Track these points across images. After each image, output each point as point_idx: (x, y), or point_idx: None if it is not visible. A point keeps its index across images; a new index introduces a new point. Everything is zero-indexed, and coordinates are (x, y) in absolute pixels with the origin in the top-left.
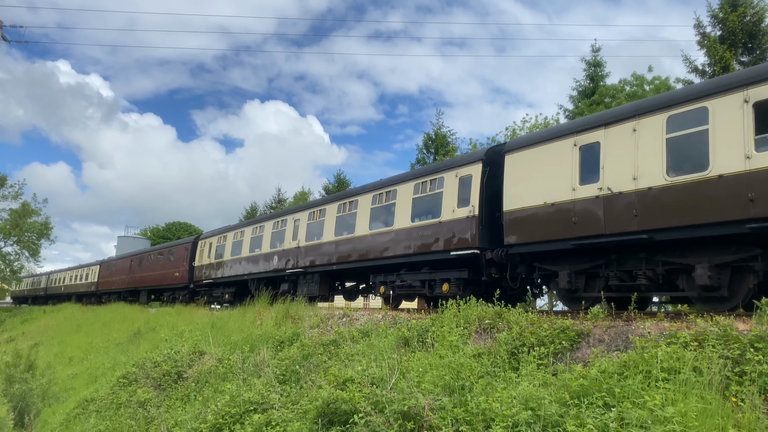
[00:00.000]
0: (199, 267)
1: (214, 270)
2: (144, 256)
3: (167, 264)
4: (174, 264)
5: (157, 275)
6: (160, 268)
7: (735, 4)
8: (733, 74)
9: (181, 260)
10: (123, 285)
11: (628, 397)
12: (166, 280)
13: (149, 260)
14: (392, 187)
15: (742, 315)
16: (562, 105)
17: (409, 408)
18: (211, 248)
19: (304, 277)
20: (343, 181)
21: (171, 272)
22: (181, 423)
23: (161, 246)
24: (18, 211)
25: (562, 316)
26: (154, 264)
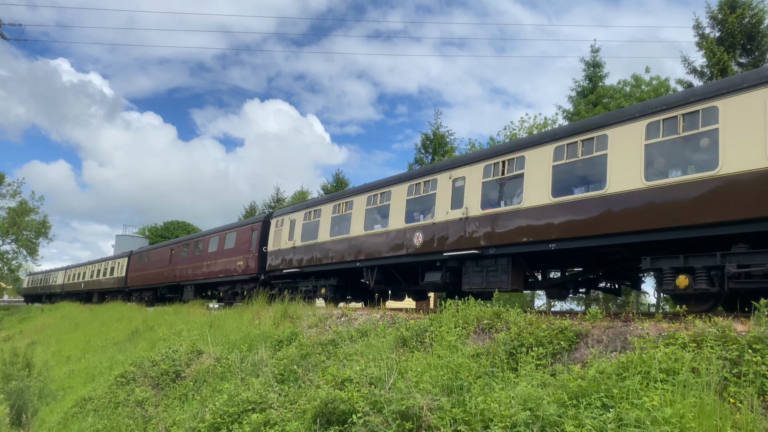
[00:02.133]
0: (274, 253)
1: (299, 255)
2: (190, 243)
3: (224, 251)
4: (235, 251)
5: (209, 266)
6: (213, 257)
7: (734, 6)
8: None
9: (245, 245)
10: (160, 279)
11: (626, 397)
12: (223, 271)
13: (197, 248)
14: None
15: (741, 316)
16: (561, 105)
17: (407, 408)
18: (293, 227)
19: (476, 264)
20: (341, 181)
21: (230, 261)
22: (179, 422)
23: (214, 229)
24: (16, 209)
25: (561, 316)
26: (204, 252)
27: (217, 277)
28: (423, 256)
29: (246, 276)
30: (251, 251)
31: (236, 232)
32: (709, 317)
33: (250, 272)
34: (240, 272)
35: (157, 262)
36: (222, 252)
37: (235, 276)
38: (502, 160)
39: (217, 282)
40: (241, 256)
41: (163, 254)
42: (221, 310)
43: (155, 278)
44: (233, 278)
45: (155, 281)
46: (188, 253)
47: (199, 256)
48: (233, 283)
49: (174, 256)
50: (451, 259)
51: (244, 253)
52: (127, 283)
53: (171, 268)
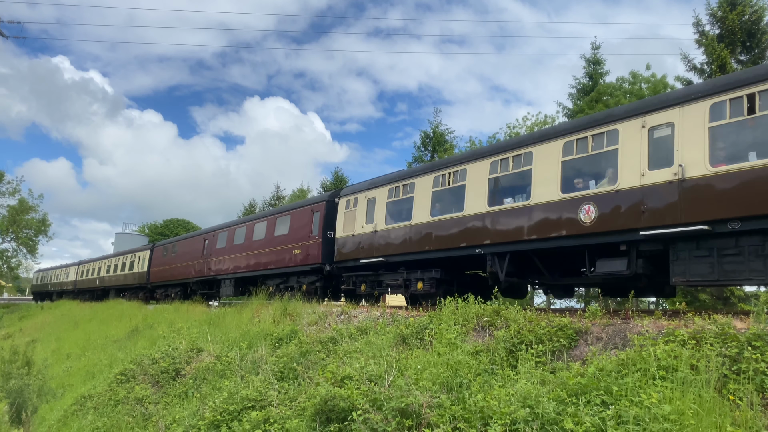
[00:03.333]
0: (345, 239)
1: (383, 241)
2: (229, 231)
3: (275, 239)
4: (289, 237)
5: (255, 256)
6: (260, 246)
7: (734, 3)
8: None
9: (304, 230)
10: (190, 274)
11: (625, 395)
12: (273, 262)
13: (238, 237)
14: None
15: (740, 313)
16: (561, 103)
17: (407, 405)
18: (373, 207)
19: (697, 246)
20: (341, 179)
21: (284, 250)
22: (179, 420)
23: (260, 214)
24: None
25: (560, 314)
26: (248, 241)
27: (265, 269)
28: (595, 237)
29: (306, 267)
30: (312, 237)
31: (290, 216)
32: (709, 314)
33: (311, 262)
34: (297, 262)
35: (186, 254)
36: (272, 239)
37: (291, 267)
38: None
39: (264, 275)
40: (299, 243)
41: (194, 245)
42: (222, 308)
43: (184, 272)
44: (287, 270)
45: (184, 276)
46: (226, 242)
47: (240, 246)
48: (286, 275)
49: (208, 246)
50: (648, 240)
51: (302, 240)
52: (149, 278)
53: (204, 261)
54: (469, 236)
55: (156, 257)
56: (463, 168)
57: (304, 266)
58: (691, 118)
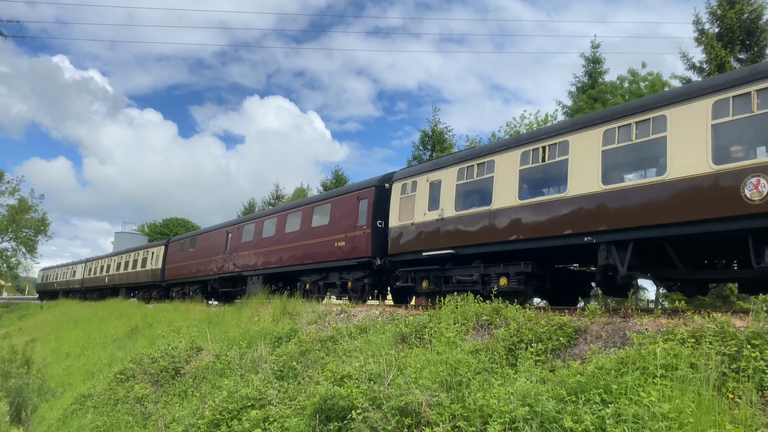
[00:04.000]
0: (402, 229)
1: (452, 230)
2: (257, 223)
3: (312, 230)
4: (330, 228)
5: (288, 250)
6: (294, 239)
7: (733, 1)
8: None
9: (348, 220)
10: (211, 270)
11: (625, 393)
12: (310, 255)
13: (267, 229)
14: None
15: (739, 312)
16: (561, 101)
17: (406, 404)
18: (438, 191)
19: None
20: (341, 178)
21: (324, 242)
22: (179, 419)
23: (293, 204)
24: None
25: (560, 312)
26: (279, 233)
27: (300, 264)
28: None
29: (351, 261)
30: (359, 227)
31: (330, 204)
32: (708, 313)
33: (358, 255)
34: (341, 256)
35: (206, 249)
36: (308, 231)
37: (332, 261)
38: None
39: (299, 270)
40: (343, 235)
41: (215, 239)
42: (220, 307)
43: (204, 269)
44: (328, 264)
45: (204, 273)
46: (254, 235)
47: (270, 239)
48: (326, 271)
49: (233, 240)
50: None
51: (346, 231)
52: (164, 276)
53: (228, 256)
54: (576, 222)
55: (171, 253)
56: (563, 140)
57: (350, 260)
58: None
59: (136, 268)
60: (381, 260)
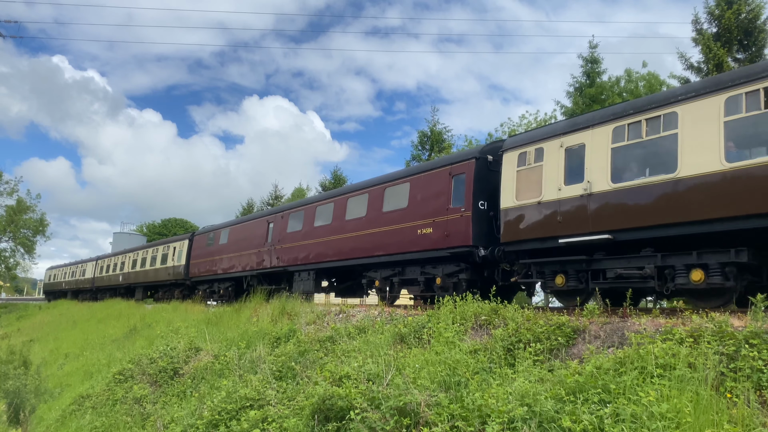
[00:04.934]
0: (519, 210)
1: (603, 210)
2: (307, 210)
3: (384, 216)
4: (409, 212)
5: (351, 240)
6: (358, 227)
7: (731, 1)
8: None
9: (437, 201)
10: (247, 266)
11: (623, 393)
12: (381, 246)
13: (322, 216)
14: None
15: (737, 311)
16: (559, 101)
17: (405, 404)
18: (578, 160)
19: None
20: (340, 178)
21: (401, 230)
22: (177, 419)
23: (358, 186)
24: (13, 207)
25: (558, 312)
26: (338, 221)
27: (367, 256)
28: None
29: (443, 251)
30: (453, 210)
31: (409, 184)
32: (706, 313)
33: (453, 244)
34: (426, 246)
35: (241, 241)
36: (378, 217)
37: (414, 253)
38: None
39: (365, 264)
40: (429, 219)
41: (253, 230)
42: (219, 308)
43: (238, 264)
44: (406, 256)
45: (239, 269)
46: (303, 224)
47: (325, 228)
48: (402, 264)
49: (276, 231)
50: None
51: (435, 215)
52: (188, 272)
53: (270, 249)
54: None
55: (197, 247)
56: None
57: (440, 250)
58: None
59: (155, 266)
60: (486, 250)
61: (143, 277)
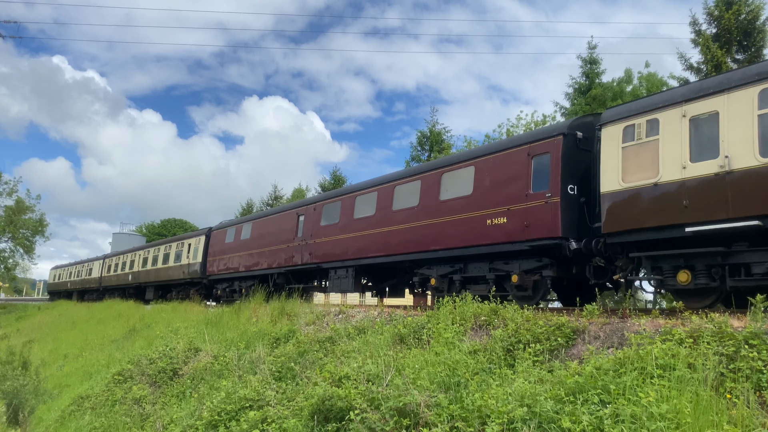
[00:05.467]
0: (627, 194)
1: (755, 184)
2: (344, 201)
3: (443, 205)
4: (476, 200)
5: (398, 233)
6: (407, 218)
7: (730, 2)
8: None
9: (512, 186)
10: (274, 262)
11: (623, 393)
12: (438, 240)
13: (362, 206)
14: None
15: (737, 312)
16: (558, 102)
17: (404, 405)
18: (711, 131)
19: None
20: (339, 178)
21: (464, 220)
22: (177, 420)
23: (408, 171)
24: (12, 207)
25: (558, 313)
26: (382, 211)
27: (421, 250)
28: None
29: (520, 244)
30: (536, 196)
31: (474, 167)
32: (706, 313)
33: (535, 236)
34: (499, 238)
35: (267, 236)
36: (434, 206)
37: (480, 246)
38: None
39: (419, 260)
40: (503, 207)
41: (280, 224)
42: (219, 308)
43: (264, 261)
44: (472, 251)
45: (263, 266)
46: (341, 216)
47: (366, 220)
48: (464, 260)
49: (307, 224)
50: None
51: (509, 202)
52: (205, 271)
53: (301, 244)
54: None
55: (215, 244)
56: None
57: (517, 243)
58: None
59: (167, 264)
60: (579, 242)
61: (154, 276)
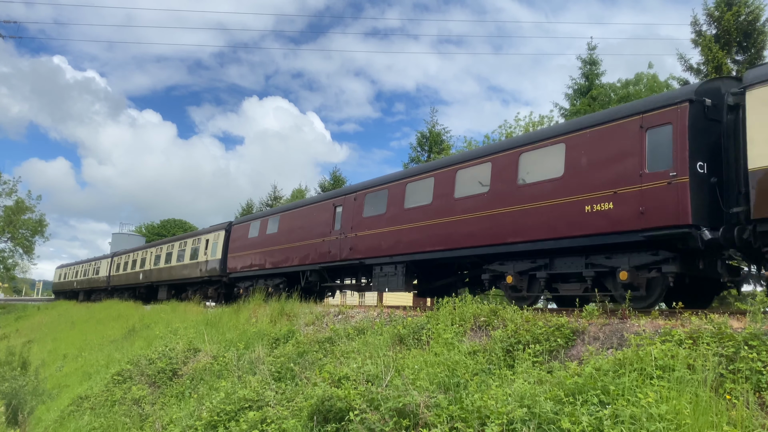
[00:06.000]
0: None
1: None
2: (394, 189)
3: (520, 190)
4: (571, 182)
5: (467, 223)
6: (476, 206)
7: (730, 3)
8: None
9: (620, 165)
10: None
11: (622, 394)
12: (521, 230)
13: (414, 195)
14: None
15: (737, 313)
16: (558, 103)
17: (404, 405)
18: None
19: None
20: (339, 179)
21: (553, 207)
22: (176, 420)
23: (475, 152)
24: (12, 208)
25: (558, 313)
26: (441, 200)
27: (496, 244)
28: None
29: (635, 235)
30: (654, 176)
31: (565, 144)
32: (705, 314)
33: (653, 225)
34: (603, 227)
35: (296, 231)
36: (508, 192)
37: (577, 238)
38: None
39: (489, 254)
40: (609, 191)
41: (313, 216)
42: (218, 309)
43: (293, 257)
44: (564, 243)
45: (294, 262)
46: (387, 206)
47: (421, 210)
48: (549, 254)
49: (346, 215)
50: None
51: (615, 184)
52: (226, 269)
53: (340, 238)
54: None
55: (236, 239)
56: None
57: (628, 234)
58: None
59: (182, 261)
60: (715, 231)
61: (168, 274)
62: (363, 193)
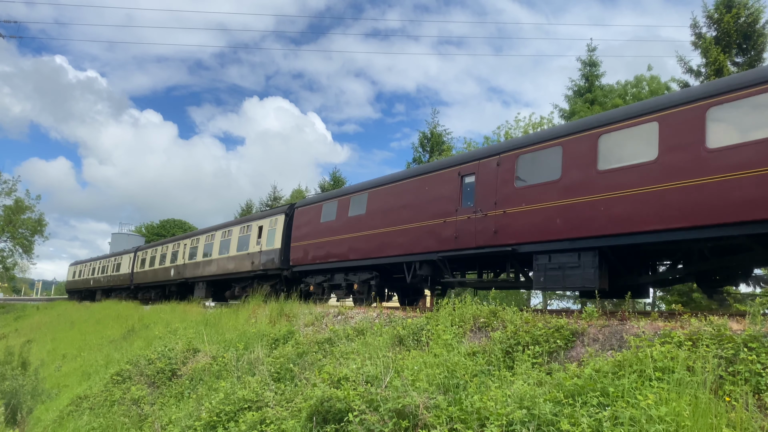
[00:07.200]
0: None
1: None
2: (567, 146)
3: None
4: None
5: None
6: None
7: (730, 5)
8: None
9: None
10: (419, 246)
11: (622, 396)
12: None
13: (618, 147)
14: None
15: (736, 315)
16: (557, 104)
17: (403, 406)
18: None
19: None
20: (339, 179)
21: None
22: (175, 421)
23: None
24: (11, 207)
25: (557, 315)
26: (685, 152)
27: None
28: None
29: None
30: None
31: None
32: (705, 316)
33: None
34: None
35: (394, 210)
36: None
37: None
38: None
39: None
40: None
41: (422, 191)
42: (217, 309)
43: (392, 243)
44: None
45: (397, 251)
46: (562, 168)
47: (634, 171)
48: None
49: (483, 185)
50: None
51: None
52: (288, 260)
53: (472, 218)
54: None
55: (301, 225)
56: None
57: None
58: None
59: (226, 253)
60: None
61: (205, 269)
62: (513, 155)
